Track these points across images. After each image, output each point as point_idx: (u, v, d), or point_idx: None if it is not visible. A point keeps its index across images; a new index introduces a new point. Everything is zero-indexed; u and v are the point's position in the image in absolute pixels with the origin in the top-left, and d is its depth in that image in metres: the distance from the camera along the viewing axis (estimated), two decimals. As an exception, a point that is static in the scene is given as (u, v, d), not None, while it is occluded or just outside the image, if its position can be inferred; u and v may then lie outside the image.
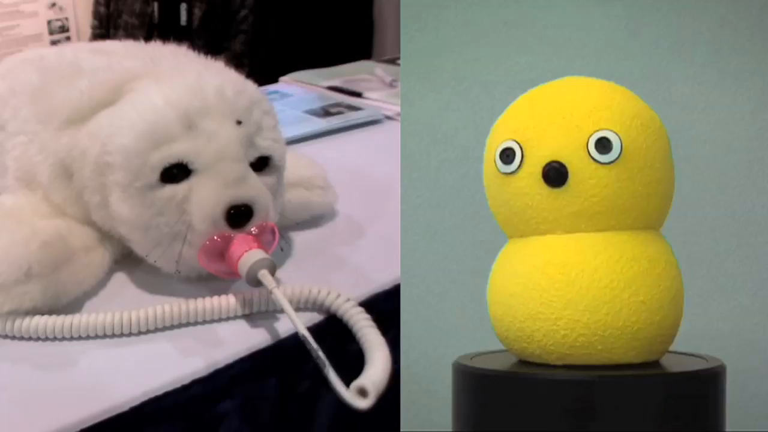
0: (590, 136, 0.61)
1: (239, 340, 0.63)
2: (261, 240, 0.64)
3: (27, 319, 0.62)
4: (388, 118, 1.14)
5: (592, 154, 0.61)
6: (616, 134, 0.61)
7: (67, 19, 2.23)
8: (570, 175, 0.61)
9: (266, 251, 0.64)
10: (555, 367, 0.63)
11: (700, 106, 0.93)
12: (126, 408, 0.56)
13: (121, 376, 0.60)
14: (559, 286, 0.61)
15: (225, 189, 0.63)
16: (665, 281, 0.62)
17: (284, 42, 2.00)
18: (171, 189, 0.63)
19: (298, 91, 1.29)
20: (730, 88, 0.93)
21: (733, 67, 0.93)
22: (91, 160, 0.65)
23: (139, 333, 0.64)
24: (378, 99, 1.21)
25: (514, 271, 0.63)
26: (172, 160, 0.63)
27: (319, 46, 1.91)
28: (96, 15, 2.06)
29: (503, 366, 0.65)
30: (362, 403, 0.56)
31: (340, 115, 1.14)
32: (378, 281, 0.71)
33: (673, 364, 0.64)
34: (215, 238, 0.63)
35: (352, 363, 0.62)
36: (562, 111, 0.62)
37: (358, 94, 1.24)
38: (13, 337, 0.63)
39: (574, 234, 0.62)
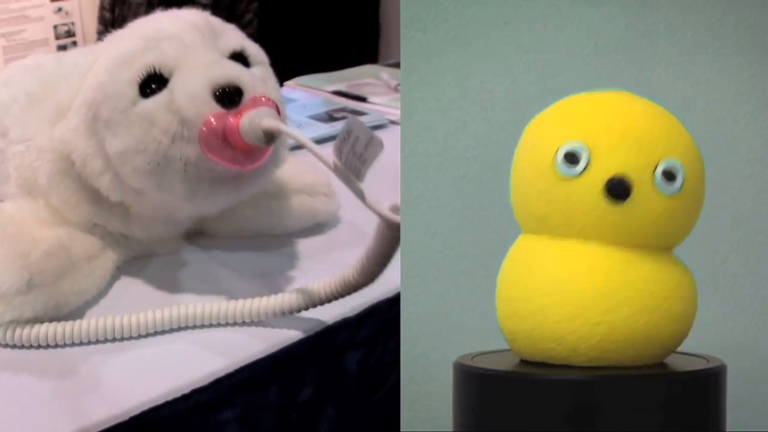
0: (659, 161, 0.61)
1: (240, 349, 0.63)
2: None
3: (27, 328, 0.62)
4: (393, 122, 1.13)
5: (658, 181, 0.61)
6: (683, 166, 0.62)
7: (73, 23, 2.23)
8: (632, 194, 0.61)
9: None
10: (556, 367, 0.62)
11: (700, 106, 0.93)
12: (126, 417, 0.56)
13: (121, 384, 0.60)
14: (603, 292, 0.61)
15: (203, 70, 0.62)
16: (692, 294, 0.64)
17: (289, 46, 1.99)
18: (154, 99, 0.62)
19: (303, 96, 1.28)
20: (730, 88, 0.93)
21: (733, 67, 0.93)
22: (82, 128, 0.65)
23: (139, 337, 0.63)
24: (382, 104, 1.21)
25: (549, 273, 0.63)
26: (143, 70, 0.63)
27: (325, 50, 1.90)
28: (101, 20, 2.06)
29: (504, 366, 0.65)
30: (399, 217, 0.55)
31: (344, 120, 1.14)
32: (381, 288, 0.70)
33: (673, 364, 0.64)
34: (211, 120, 0.61)
35: (350, 369, 0.62)
36: (637, 128, 0.62)
37: (363, 99, 1.24)
38: (14, 346, 0.63)
39: (616, 246, 0.62)
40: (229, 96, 0.61)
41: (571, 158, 0.62)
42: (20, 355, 0.62)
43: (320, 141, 1.07)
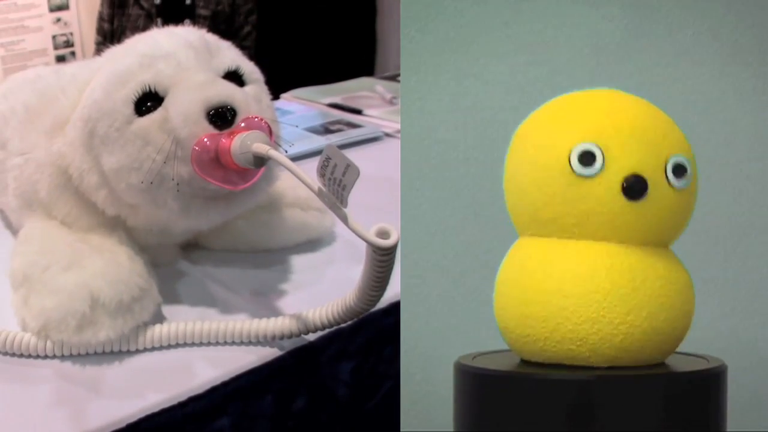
0: (669, 157, 0.62)
1: (235, 358, 0.63)
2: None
3: (32, 339, 0.62)
4: (388, 135, 1.14)
5: (669, 177, 0.62)
6: (689, 160, 0.63)
7: (71, 34, 2.23)
8: (648, 191, 0.62)
9: None
10: (557, 367, 0.62)
11: (700, 106, 0.93)
12: (123, 425, 0.56)
13: (117, 392, 0.60)
14: (624, 292, 0.61)
15: (198, 90, 0.62)
16: (692, 290, 0.65)
17: (287, 58, 2.00)
18: (148, 118, 0.62)
19: (299, 109, 1.29)
20: (730, 88, 0.93)
21: (733, 67, 0.93)
22: (78, 143, 0.65)
23: (137, 351, 0.63)
24: (378, 116, 1.22)
25: (568, 274, 0.62)
26: (139, 88, 0.63)
27: (322, 63, 1.92)
28: (100, 31, 2.06)
29: (505, 366, 0.65)
30: (387, 242, 0.55)
31: (340, 133, 1.14)
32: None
33: (673, 364, 0.64)
34: (204, 140, 0.61)
35: (343, 379, 0.62)
36: (644, 126, 0.63)
37: (358, 111, 1.24)
38: (20, 355, 0.62)
39: (630, 245, 0.63)
40: (222, 116, 0.61)
41: (587, 158, 0.62)
42: (19, 363, 0.62)
43: (315, 153, 1.07)
